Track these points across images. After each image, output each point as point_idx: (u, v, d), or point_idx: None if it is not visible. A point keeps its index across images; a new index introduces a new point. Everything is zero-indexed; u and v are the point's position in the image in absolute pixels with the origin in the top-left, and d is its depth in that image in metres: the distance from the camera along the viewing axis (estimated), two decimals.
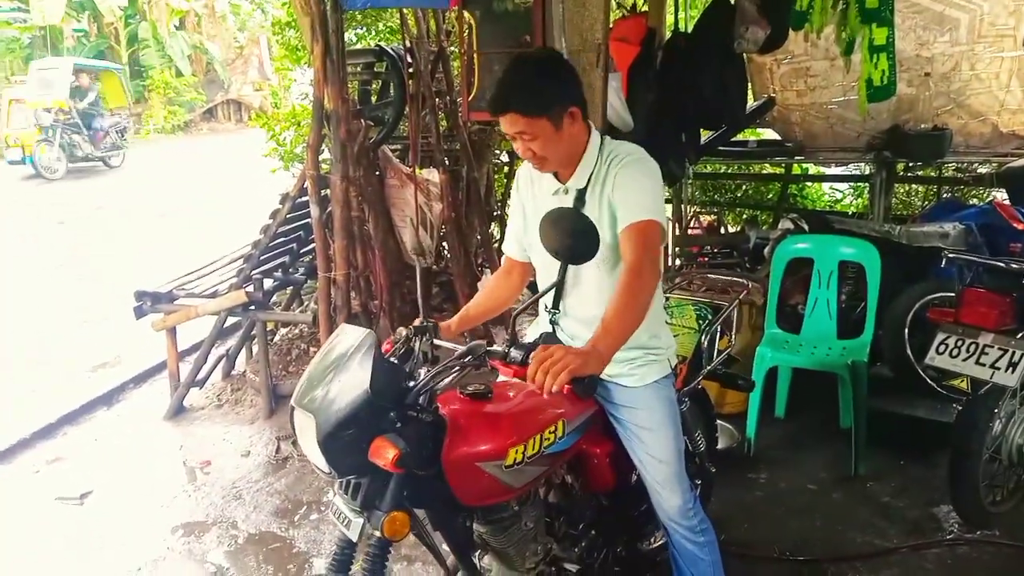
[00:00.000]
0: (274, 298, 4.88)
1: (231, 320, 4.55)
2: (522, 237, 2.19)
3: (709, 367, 2.63)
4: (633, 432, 2.08)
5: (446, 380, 1.77)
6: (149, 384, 4.80)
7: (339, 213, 3.91)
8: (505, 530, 1.93)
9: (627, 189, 1.92)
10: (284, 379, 4.44)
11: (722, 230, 6.20)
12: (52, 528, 3.28)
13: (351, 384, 1.57)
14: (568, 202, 1.99)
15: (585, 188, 1.98)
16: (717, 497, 2.95)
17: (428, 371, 1.78)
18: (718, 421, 3.12)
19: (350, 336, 1.68)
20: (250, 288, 4.18)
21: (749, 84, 5.32)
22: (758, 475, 3.41)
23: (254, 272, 4.38)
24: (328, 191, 3.99)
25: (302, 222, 4.76)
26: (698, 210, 6.56)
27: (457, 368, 1.75)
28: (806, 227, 4.33)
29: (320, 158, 4.08)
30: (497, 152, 5.78)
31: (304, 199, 4.22)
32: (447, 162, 4.69)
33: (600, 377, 1.90)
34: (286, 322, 4.90)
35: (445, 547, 1.96)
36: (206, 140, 19.95)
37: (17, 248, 8.68)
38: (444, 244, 5.00)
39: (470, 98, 3.64)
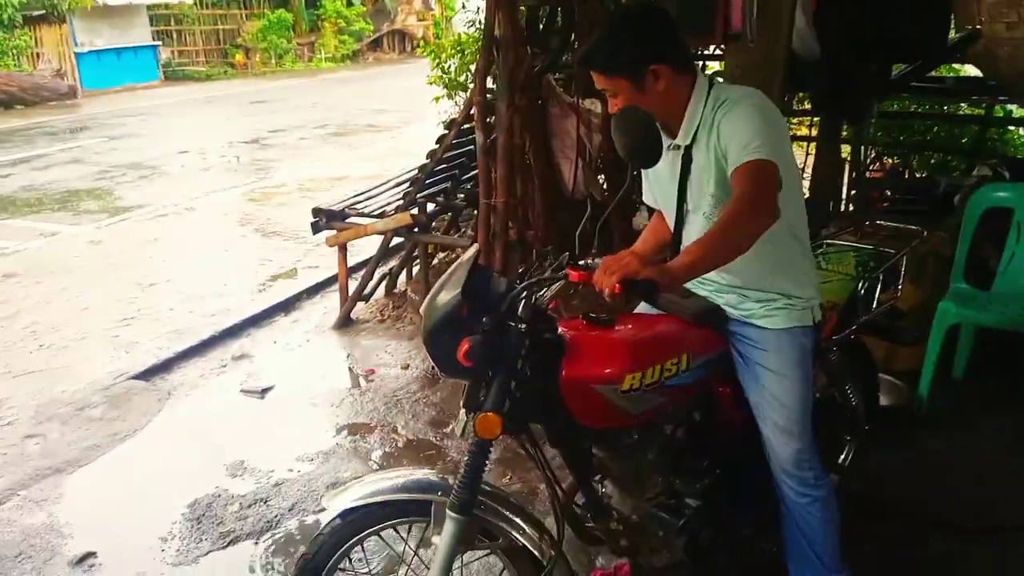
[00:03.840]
0: (435, 223, 5.06)
1: (396, 240, 4.79)
2: (653, 189, 2.17)
3: (865, 317, 2.46)
4: (757, 373, 2.01)
5: (548, 293, 1.80)
6: (321, 296, 5.16)
7: (503, 140, 3.96)
8: (625, 457, 1.96)
9: (734, 132, 1.82)
10: None
11: (906, 175, 5.70)
12: (238, 416, 3.67)
13: (449, 290, 1.70)
14: (678, 158, 1.96)
15: (692, 143, 1.92)
16: (881, 455, 2.83)
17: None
18: (888, 377, 2.95)
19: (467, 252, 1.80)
20: (415, 211, 4.35)
21: (952, 14, 4.81)
22: (928, 436, 3.20)
23: (419, 196, 4.55)
24: (493, 118, 4.04)
25: (466, 149, 4.86)
26: (880, 151, 6.05)
27: (554, 280, 1.77)
28: (1007, 175, 3.94)
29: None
30: None
31: (469, 126, 4.30)
32: None
33: (728, 312, 2.02)
34: (445, 246, 5.08)
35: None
36: (372, 69, 20.69)
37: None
38: (601, 176, 4.94)
39: None
